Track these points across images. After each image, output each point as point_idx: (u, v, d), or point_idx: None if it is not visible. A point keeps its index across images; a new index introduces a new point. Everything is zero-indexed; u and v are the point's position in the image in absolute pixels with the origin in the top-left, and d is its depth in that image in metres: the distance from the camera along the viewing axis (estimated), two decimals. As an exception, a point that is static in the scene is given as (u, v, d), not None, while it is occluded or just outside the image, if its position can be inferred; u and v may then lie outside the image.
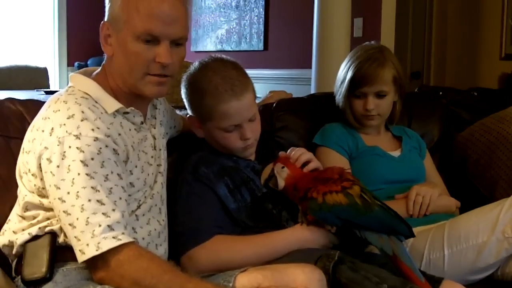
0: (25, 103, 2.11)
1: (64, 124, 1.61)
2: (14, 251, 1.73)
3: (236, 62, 2.06)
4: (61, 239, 1.67)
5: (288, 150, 2.06)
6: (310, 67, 4.45)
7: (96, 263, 1.56)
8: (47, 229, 1.69)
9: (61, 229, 1.65)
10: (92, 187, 1.56)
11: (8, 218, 1.80)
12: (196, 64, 2.05)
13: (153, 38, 1.69)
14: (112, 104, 1.73)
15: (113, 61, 1.76)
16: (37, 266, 1.64)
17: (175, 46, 1.74)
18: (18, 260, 1.72)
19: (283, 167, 1.98)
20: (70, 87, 1.77)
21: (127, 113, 1.77)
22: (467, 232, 2.08)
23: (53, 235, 1.68)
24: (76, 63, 7.34)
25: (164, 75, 1.74)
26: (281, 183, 1.98)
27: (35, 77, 6.54)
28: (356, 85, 2.40)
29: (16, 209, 1.78)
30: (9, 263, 1.78)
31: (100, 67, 1.83)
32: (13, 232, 1.75)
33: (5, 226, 1.79)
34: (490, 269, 2.08)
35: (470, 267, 2.07)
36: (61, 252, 1.67)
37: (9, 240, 1.75)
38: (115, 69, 1.76)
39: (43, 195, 1.68)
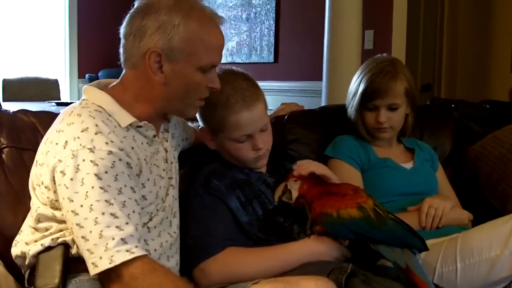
0: (38, 114, 2.12)
1: (78, 137, 1.62)
2: (26, 262, 1.74)
3: (246, 73, 2.07)
4: (74, 250, 1.67)
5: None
6: (321, 79, 4.45)
7: (109, 276, 1.55)
8: (59, 240, 1.68)
9: (73, 240, 1.65)
10: (105, 201, 1.56)
11: (21, 229, 1.80)
12: (207, 76, 2.06)
13: (212, 68, 1.79)
14: (126, 118, 1.73)
15: (160, 88, 1.76)
16: (50, 277, 1.64)
17: None
18: (31, 271, 1.72)
19: (295, 180, 1.98)
20: (83, 100, 1.77)
21: (140, 126, 1.77)
22: (479, 245, 2.07)
23: (66, 246, 1.68)
24: (87, 75, 7.37)
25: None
26: (295, 195, 1.98)
27: (46, 88, 6.56)
28: (368, 98, 2.40)
29: (29, 221, 1.78)
30: (22, 274, 1.78)
31: (118, 81, 1.83)
32: (26, 243, 1.75)
33: (18, 237, 1.79)
34: (503, 282, 2.06)
35: (483, 280, 2.06)
36: (74, 264, 1.66)
37: (21, 251, 1.75)
38: (164, 95, 1.78)
39: (56, 208, 1.68)
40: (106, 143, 1.62)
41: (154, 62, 1.72)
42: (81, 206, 1.56)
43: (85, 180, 1.57)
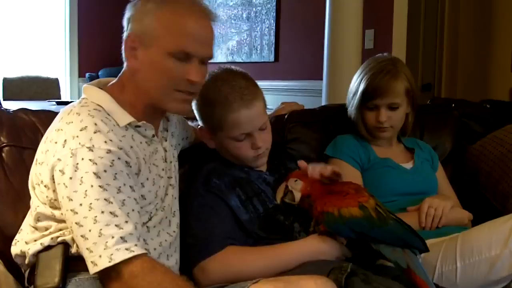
0: (38, 113, 2.12)
1: (77, 136, 1.62)
2: (26, 261, 1.74)
3: (245, 72, 2.07)
4: (73, 249, 1.67)
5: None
6: (321, 79, 4.44)
7: (109, 274, 1.55)
8: (59, 239, 1.69)
9: (73, 239, 1.65)
10: (105, 199, 1.56)
11: (20, 228, 1.81)
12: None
13: (186, 56, 1.71)
14: (124, 118, 1.73)
15: (137, 75, 1.75)
16: (49, 276, 1.65)
17: (202, 64, 1.77)
18: (31, 270, 1.73)
19: (296, 180, 1.98)
20: (83, 98, 1.77)
21: (139, 126, 1.77)
22: (479, 244, 2.07)
23: (66, 245, 1.68)
24: (87, 74, 7.38)
25: (191, 93, 1.77)
26: (298, 196, 1.98)
27: (46, 87, 6.58)
28: (368, 97, 2.40)
29: (29, 220, 1.78)
30: (22, 273, 1.79)
31: (117, 79, 1.83)
32: (25, 242, 1.75)
33: (18, 236, 1.79)
34: (503, 282, 2.06)
35: (483, 280, 2.06)
36: (73, 263, 1.67)
37: (21, 250, 1.75)
38: (139, 83, 1.76)
39: (55, 207, 1.68)
40: (105, 141, 1.62)
41: (129, 46, 1.73)
42: (80, 204, 1.55)
43: (84, 179, 1.57)
